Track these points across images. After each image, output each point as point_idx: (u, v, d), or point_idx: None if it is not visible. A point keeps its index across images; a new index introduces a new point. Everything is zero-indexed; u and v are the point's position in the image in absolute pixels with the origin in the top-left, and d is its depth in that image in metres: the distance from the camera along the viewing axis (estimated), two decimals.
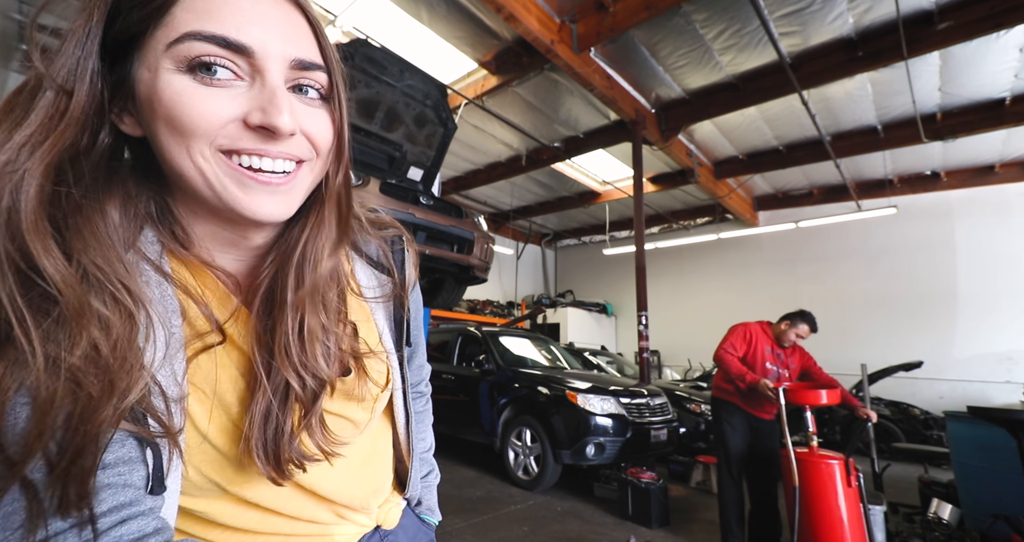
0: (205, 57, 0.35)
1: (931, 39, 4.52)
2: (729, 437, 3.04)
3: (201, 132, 0.35)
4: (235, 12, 0.35)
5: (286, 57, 0.38)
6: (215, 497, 0.44)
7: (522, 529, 3.23)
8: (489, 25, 4.88)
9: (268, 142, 0.38)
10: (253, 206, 0.39)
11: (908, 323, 8.01)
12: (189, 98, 0.35)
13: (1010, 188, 7.38)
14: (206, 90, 0.35)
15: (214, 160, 0.37)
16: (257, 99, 0.37)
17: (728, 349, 3.06)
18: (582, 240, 12.74)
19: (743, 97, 5.70)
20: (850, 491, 2.43)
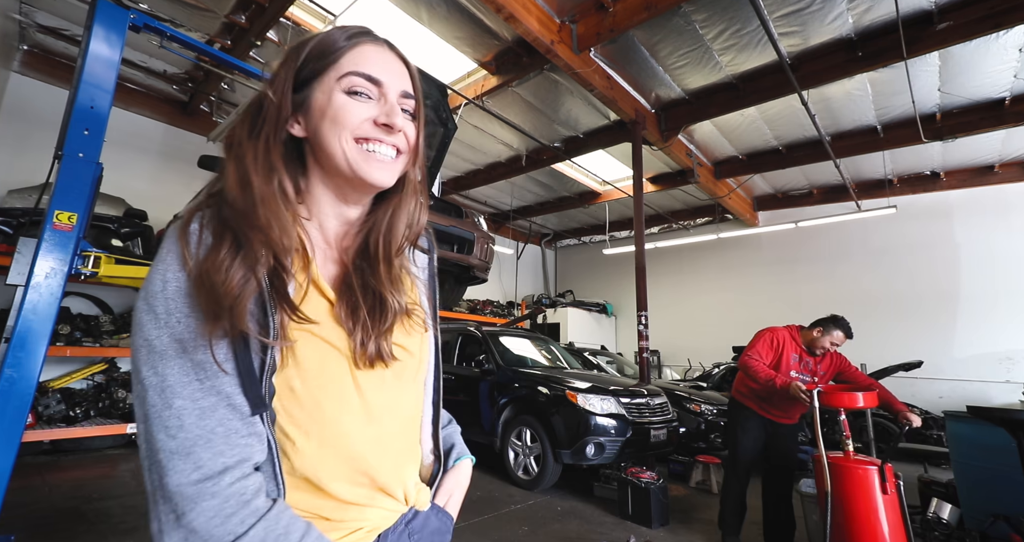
0: (358, 86, 0.61)
1: (931, 39, 4.53)
2: (740, 439, 3.02)
3: (349, 125, 0.60)
4: (374, 61, 0.62)
5: (398, 88, 0.63)
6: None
7: (522, 529, 3.23)
8: (489, 25, 4.88)
9: (385, 134, 0.62)
10: (372, 173, 0.61)
11: (908, 323, 8.01)
12: (347, 106, 0.60)
13: (1010, 188, 7.39)
14: (356, 102, 0.61)
15: (352, 144, 0.60)
16: (383, 109, 0.62)
17: (754, 356, 2.98)
18: (582, 240, 12.74)
19: (743, 97, 5.70)
20: (889, 499, 2.29)
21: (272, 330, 0.53)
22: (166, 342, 0.50)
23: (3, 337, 1.97)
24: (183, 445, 0.48)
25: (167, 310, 0.51)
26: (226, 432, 0.51)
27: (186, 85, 6.26)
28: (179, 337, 0.50)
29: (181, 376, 0.50)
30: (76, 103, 2.19)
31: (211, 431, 0.50)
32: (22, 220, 4.01)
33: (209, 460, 0.49)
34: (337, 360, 0.60)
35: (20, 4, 4.77)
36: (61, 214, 2.08)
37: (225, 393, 0.51)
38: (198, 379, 0.51)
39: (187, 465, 0.48)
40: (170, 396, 0.49)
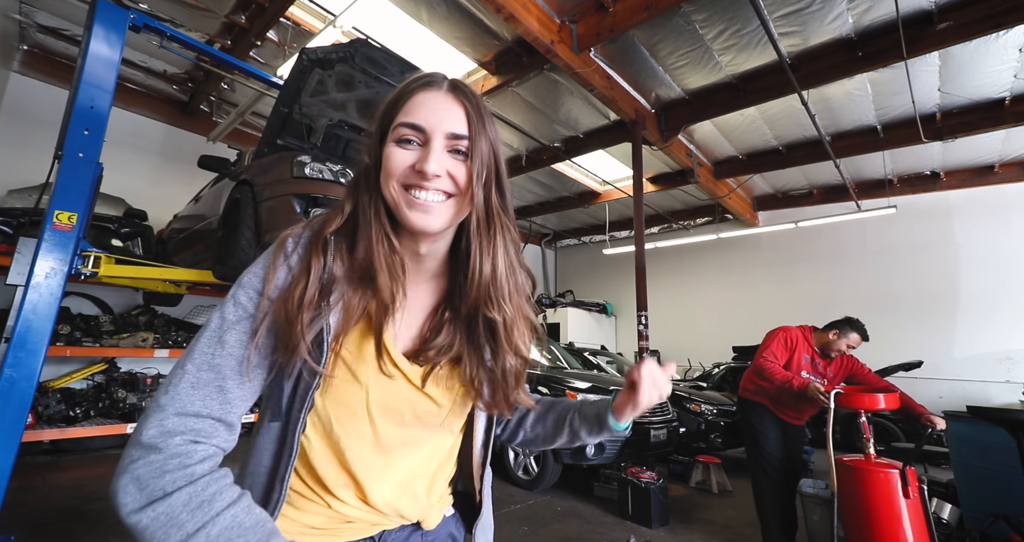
0: (404, 135, 0.64)
1: (930, 39, 4.53)
2: (763, 439, 2.91)
3: (394, 173, 0.63)
4: (422, 108, 0.64)
5: (444, 131, 0.64)
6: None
7: (522, 529, 3.23)
8: (489, 25, 4.88)
9: (423, 180, 0.63)
10: (413, 218, 0.63)
11: (908, 323, 8.01)
12: (394, 156, 0.64)
13: (1010, 188, 7.39)
14: (402, 151, 0.64)
15: (399, 191, 0.64)
16: (422, 154, 0.63)
17: (769, 357, 2.92)
18: (582, 240, 12.74)
19: (743, 97, 5.70)
20: (912, 503, 2.20)
21: (323, 360, 0.62)
22: (216, 316, 0.61)
23: (3, 337, 1.97)
24: (165, 401, 0.56)
25: (233, 293, 0.63)
26: (202, 408, 0.56)
27: (186, 85, 6.26)
28: (227, 317, 0.61)
29: (205, 346, 0.59)
30: (76, 103, 2.19)
31: (191, 400, 0.56)
32: (22, 220, 4.01)
33: (171, 422, 0.54)
34: (356, 393, 0.66)
35: (20, 4, 4.77)
36: (61, 214, 2.08)
37: (223, 375, 0.58)
38: (212, 353, 0.59)
39: (155, 420, 0.54)
40: (188, 360, 0.58)
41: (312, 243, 0.64)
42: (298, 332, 0.59)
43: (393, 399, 0.68)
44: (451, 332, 0.70)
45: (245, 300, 0.62)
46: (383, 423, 0.68)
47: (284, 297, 0.61)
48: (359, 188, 0.68)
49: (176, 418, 0.54)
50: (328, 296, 0.62)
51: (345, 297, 0.64)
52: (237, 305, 0.61)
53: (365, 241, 0.64)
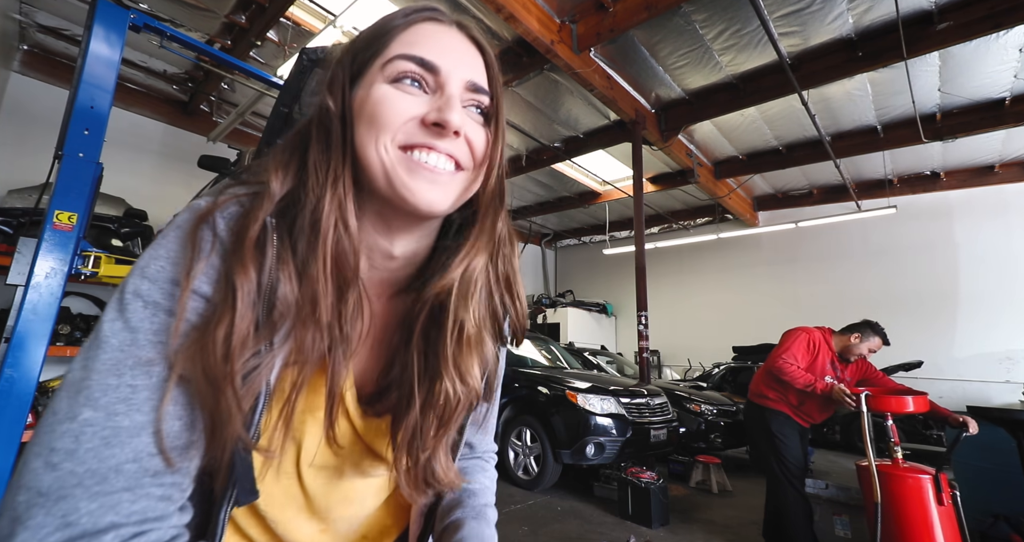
0: (406, 72, 0.45)
1: (931, 39, 4.53)
2: (787, 449, 2.79)
3: (387, 125, 0.44)
4: (432, 43, 0.46)
5: (463, 78, 0.46)
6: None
7: (522, 529, 3.23)
8: (489, 25, 4.88)
9: (437, 138, 0.44)
10: (417, 189, 0.44)
11: (908, 323, 8.00)
12: (388, 99, 0.44)
13: (1010, 188, 7.39)
14: (401, 94, 0.44)
15: (393, 153, 0.44)
16: (436, 103, 0.45)
17: (789, 359, 2.76)
18: (582, 240, 12.74)
19: (743, 97, 5.70)
20: (944, 510, 2.07)
21: (254, 429, 0.42)
22: (117, 328, 0.38)
23: (3, 337, 1.97)
24: (59, 483, 0.32)
25: (136, 290, 0.39)
26: (136, 472, 0.35)
27: (186, 85, 6.25)
28: (134, 326, 0.38)
29: (109, 376, 0.36)
30: (76, 103, 2.18)
31: (114, 467, 0.34)
32: (22, 220, 4.01)
33: (88, 515, 0.32)
34: (286, 452, 0.48)
35: (20, 4, 4.77)
36: (61, 214, 2.08)
37: (143, 450, 0.36)
38: (130, 384, 0.36)
39: (49, 519, 0.32)
40: (81, 402, 0.35)
41: (240, 234, 0.41)
42: (229, 398, 0.37)
43: (332, 458, 0.50)
44: (406, 361, 0.50)
45: (166, 300, 0.39)
46: (315, 483, 0.50)
47: (201, 333, 0.38)
48: (306, 150, 0.46)
49: (89, 501, 0.33)
50: (273, 330, 0.41)
51: (295, 330, 0.41)
52: (131, 322, 0.38)
53: (311, 230, 0.42)
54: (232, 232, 0.41)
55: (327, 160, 0.44)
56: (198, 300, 0.39)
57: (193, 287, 0.39)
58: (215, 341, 0.37)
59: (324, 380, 0.45)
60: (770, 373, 2.87)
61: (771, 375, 2.86)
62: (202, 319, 0.39)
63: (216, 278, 0.40)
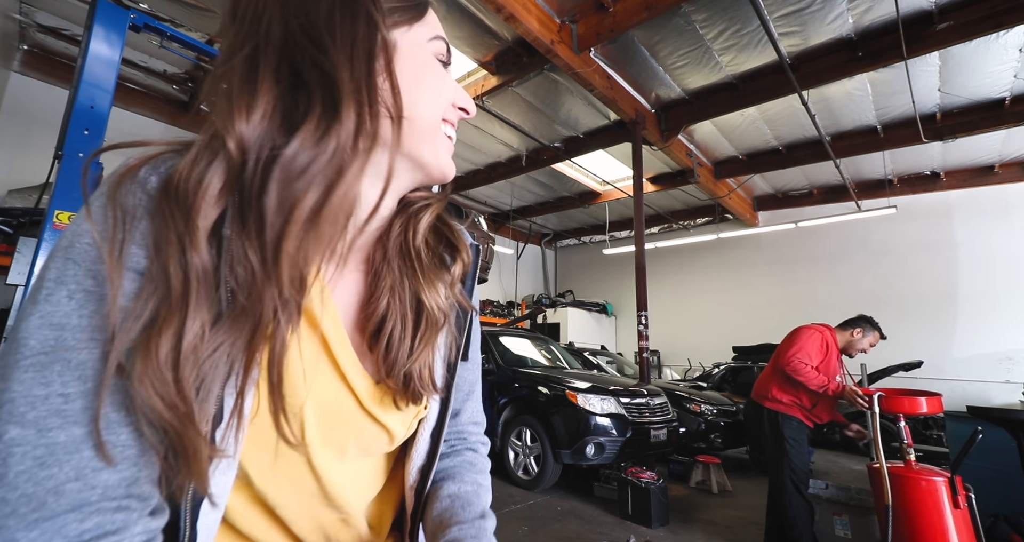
0: (443, 55, 0.48)
1: (931, 39, 4.53)
2: (796, 454, 2.75)
3: (445, 102, 0.47)
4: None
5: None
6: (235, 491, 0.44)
7: (522, 529, 3.23)
8: (489, 25, 4.88)
9: (457, 119, 0.49)
10: (449, 163, 0.48)
11: (908, 323, 8.00)
12: (444, 76, 0.47)
13: (1010, 188, 7.39)
14: (446, 74, 0.48)
15: (440, 124, 0.47)
16: (458, 89, 0.49)
17: (804, 359, 2.68)
18: (582, 240, 12.74)
19: (743, 97, 5.70)
20: (959, 513, 2.01)
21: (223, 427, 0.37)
22: (34, 325, 0.32)
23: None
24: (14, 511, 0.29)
25: (59, 277, 0.33)
26: (81, 490, 0.31)
27: (186, 85, 6.26)
28: (58, 322, 0.32)
29: (34, 385, 0.31)
30: (76, 103, 2.19)
31: (53, 489, 0.30)
32: (22, 220, 4.01)
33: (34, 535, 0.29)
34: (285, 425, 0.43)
35: (20, 4, 4.77)
36: (61, 214, 2.08)
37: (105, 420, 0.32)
38: (62, 393, 0.31)
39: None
40: (4, 419, 0.30)
41: (184, 191, 0.34)
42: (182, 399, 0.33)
43: (336, 427, 0.46)
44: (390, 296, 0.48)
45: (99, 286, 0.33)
46: (325, 464, 0.46)
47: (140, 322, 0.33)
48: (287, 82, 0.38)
49: (28, 530, 0.29)
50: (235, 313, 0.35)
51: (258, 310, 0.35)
52: (55, 317, 0.32)
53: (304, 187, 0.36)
54: (172, 189, 0.34)
55: (352, 103, 0.37)
56: (133, 279, 0.33)
57: (126, 264, 0.33)
58: (159, 334, 0.32)
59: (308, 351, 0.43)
60: (782, 373, 2.79)
61: (783, 376, 2.79)
62: (139, 304, 0.33)
63: (151, 249, 0.34)
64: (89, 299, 0.33)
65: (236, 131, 0.35)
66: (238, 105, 0.36)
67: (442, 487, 0.56)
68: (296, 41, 0.38)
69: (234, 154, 0.35)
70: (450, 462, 0.60)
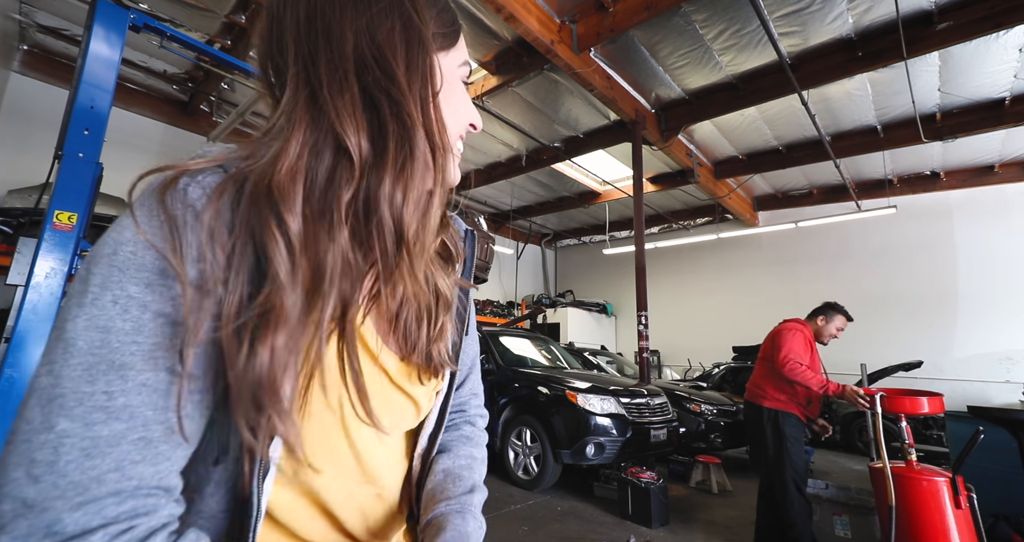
0: (467, 77, 0.53)
1: (931, 39, 4.53)
2: (795, 452, 2.76)
3: (464, 121, 0.52)
4: None
5: None
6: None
7: (522, 529, 3.23)
8: (489, 25, 4.88)
9: (466, 134, 0.54)
10: (456, 173, 0.51)
11: (908, 323, 8.01)
12: (465, 99, 0.52)
13: (1010, 188, 7.39)
14: (466, 94, 0.52)
15: (456, 139, 0.51)
16: (472, 108, 0.54)
17: (797, 359, 2.71)
18: (582, 240, 12.74)
19: (743, 97, 5.70)
20: (960, 513, 2.01)
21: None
22: (81, 327, 0.35)
23: (3, 337, 1.97)
24: (42, 495, 0.32)
25: (104, 283, 0.35)
26: (119, 480, 0.34)
27: (186, 85, 6.26)
28: (104, 324, 0.35)
29: (82, 383, 0.34)
30: (76, 103, 2.18)
31: (96, 478, 0.34)
32: (22, 220, 4.02)
33: (72, 523, 0.32)
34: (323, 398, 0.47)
35: (20, 4, 4.77)
36: (61, 214, 2.08)
37: (143, 418, 0.35)
38: (105, 391, 0.34)
39: (35, 530, 0.32)
40: (55, 412, 0.33)
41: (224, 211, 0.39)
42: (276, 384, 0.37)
43: (372, 403, 0.48)
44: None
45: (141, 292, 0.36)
46: (363, 441, 0.49)
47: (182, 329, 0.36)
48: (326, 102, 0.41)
49: (73, 511, 0.33)
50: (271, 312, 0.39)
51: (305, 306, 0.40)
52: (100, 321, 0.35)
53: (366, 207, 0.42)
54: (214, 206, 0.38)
55: (404, 121, 0.42)
56: (174, 288, 0.36)
57: (180, 274, 0.36)
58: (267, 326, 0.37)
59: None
60: (778, 374, 2.80)
61: (778, 375, 2.80)
62: (187, 310, 0.36)
63: (201, 259, 0.37)
64: (132, 304, 0.36)
65: (355, 142, 0.40)
66: (348, 116, 0.40)
67: (437, 461, 0.59)
68: (365, 61, 0.41)
69: (356, 165, 0.40)
70: (448, 436, 0.65)
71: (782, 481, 2.76)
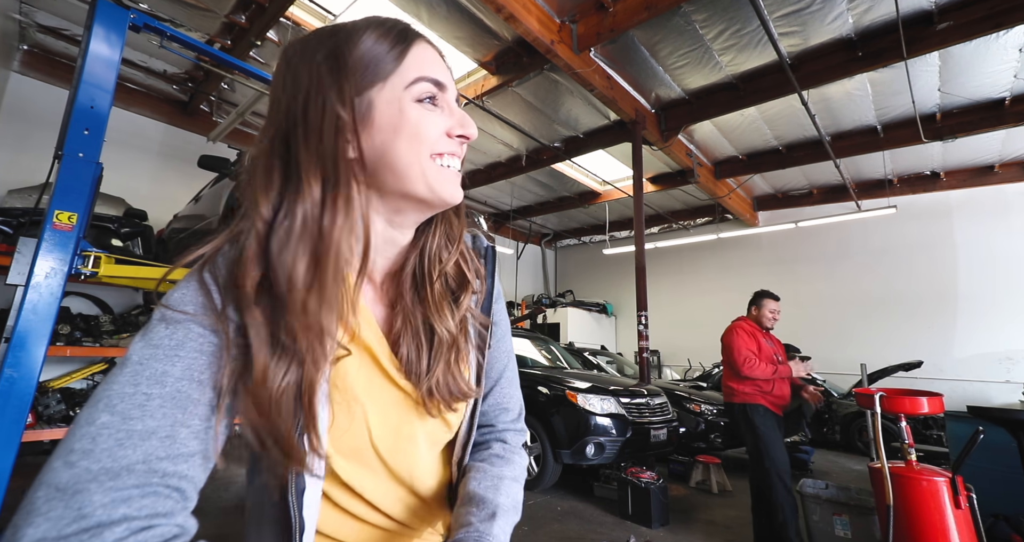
0: (429, 93, 0.51)
1: (931, 39, 4.53)
2: (772, 444, 2.81)
3: (427, 140, 0.51)
4: (434, 63, 0.53)
5: (455, 91, 0.56)
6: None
7: (522, 529, 3.23)
8: (489, 25, 4.88)
9: (459, 147, 0.54)
10: (452, 192, 0.53)
11: (908, 323, 8.01)
12: (425, 119, 0.51)
13: (1010, 188, 7.39)
14: (430, 113, 0.52)
15: (429, 162, 0.51)
16: (454, 118, 0.54)
17: (749, 357, 2.92)
18: (582, 240, 12.74)
19: (743, 97, 5.70)
20: (960, 513, 2.01)
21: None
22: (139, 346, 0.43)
23: (3, 337, 1.97)
24: (75, 479, 0.35)
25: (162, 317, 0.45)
26: (146, 472, 0.38)
27: (186, 85, 6.25)
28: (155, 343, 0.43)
29: (127, 385, 0.40)
30: (76, 103, 2.18)
31: (127, 467, 0.37)
32: (22, 220, 4.01)
33: (102, 507, 0.35)
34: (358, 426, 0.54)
35: (20, 4, 4.77)
36: (61, 214, 2.08)
37: (173, 419, 0.41)
38: (146, 392, 0.40)
39: (67, 512, 0.34)
40: (101, 409, 0.39)
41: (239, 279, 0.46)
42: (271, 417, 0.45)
43: (403, 424, 0.56)
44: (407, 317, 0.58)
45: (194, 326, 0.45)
46: (390, 454, 0.56)
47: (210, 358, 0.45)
48: (291, 162, 0.48)
49: (103, 495, 0.36)
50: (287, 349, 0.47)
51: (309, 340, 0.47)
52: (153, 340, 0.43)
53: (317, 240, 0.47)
54: (232, 275, 0.47)
55: (336, 170, 0.48)
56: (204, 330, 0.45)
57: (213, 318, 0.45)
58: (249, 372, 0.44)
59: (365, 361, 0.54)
60: (737, 372, 3.02)
61: (739, 373, 3.01)
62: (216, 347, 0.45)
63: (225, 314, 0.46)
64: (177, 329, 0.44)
65: (260, 210, 0.46)
66: (262, 183, 0.48)
67: (464, 483, 0.61)
68: (289, 121, 0.49)
69: (260, 229, 0.46)
70: (479, 455, 0.66)
71: (768, 481, 2.81)
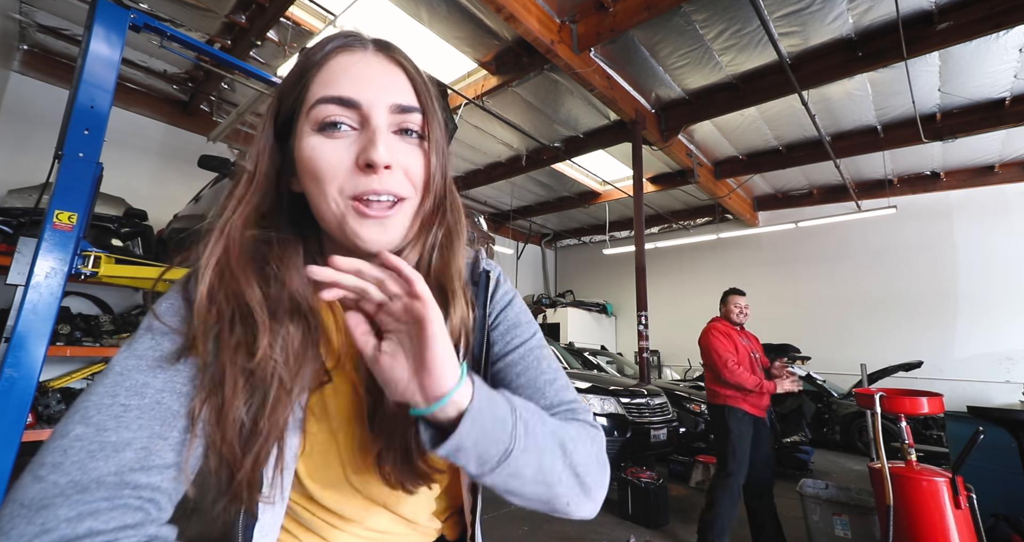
0: (329, 117, 0.44)
1: (931, 39, 4.53)
2: (740, 446, 2.83)
3: (329, 178, 0.44)
4: (347, 77, 0.45)
5: (387, 104, 0.45)
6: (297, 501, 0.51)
7: (522, 529, 3.23)
8: (489, 25, 4.88)
9: (375, 180, 0.44)
10: (366, 236, 0.45)
11: (908, 323, 8.00)
12: (319, 152, 0.44)
13: (1010, 188, 7.39)
14: (331, 143, 0.44)
15: (343, 203, 0.45)
16: (362, 142, 0.44)
17: (729, 360, 2.90)
18: (582, 240, 12.74)
19: (743, 97, 5.70)
20: (960, 514, 2.01)
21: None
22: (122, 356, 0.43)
23: (3, 337, 1.97)
24: (41, 494, 0.34)
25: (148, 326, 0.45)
26: (117, 485, 0.36)
27: (186, 85, 6.25)
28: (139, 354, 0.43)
29: (105, 396, 0.39)
30: (76, 103, 2.18)
31: (96, 479, 0.35)
32: (22, 220, 4.01)
33: (66, 522, 0.33)
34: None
35: (20, 4, 4.77)
36: (61, 214, 2.08)
37: (150, 431, 0.39)
38: (123, 404, 0.39)
39: (29, 528, 0.32)
40: (76, 421, 0.38)
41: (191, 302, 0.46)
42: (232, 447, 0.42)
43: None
44: None
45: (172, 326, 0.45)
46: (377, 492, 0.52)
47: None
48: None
49: (68, 509, 0.34)
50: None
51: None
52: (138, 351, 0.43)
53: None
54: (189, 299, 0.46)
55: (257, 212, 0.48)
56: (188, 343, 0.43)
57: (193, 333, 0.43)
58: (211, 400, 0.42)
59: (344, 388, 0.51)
60: (719, 380, 3.00)
61: (721, 377, 2.99)
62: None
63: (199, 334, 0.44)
64: (164, 339, 0.44)
65: (203, 263, 0.46)
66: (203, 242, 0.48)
67: None
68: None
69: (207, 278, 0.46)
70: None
71: (723, 471, 2.84)
